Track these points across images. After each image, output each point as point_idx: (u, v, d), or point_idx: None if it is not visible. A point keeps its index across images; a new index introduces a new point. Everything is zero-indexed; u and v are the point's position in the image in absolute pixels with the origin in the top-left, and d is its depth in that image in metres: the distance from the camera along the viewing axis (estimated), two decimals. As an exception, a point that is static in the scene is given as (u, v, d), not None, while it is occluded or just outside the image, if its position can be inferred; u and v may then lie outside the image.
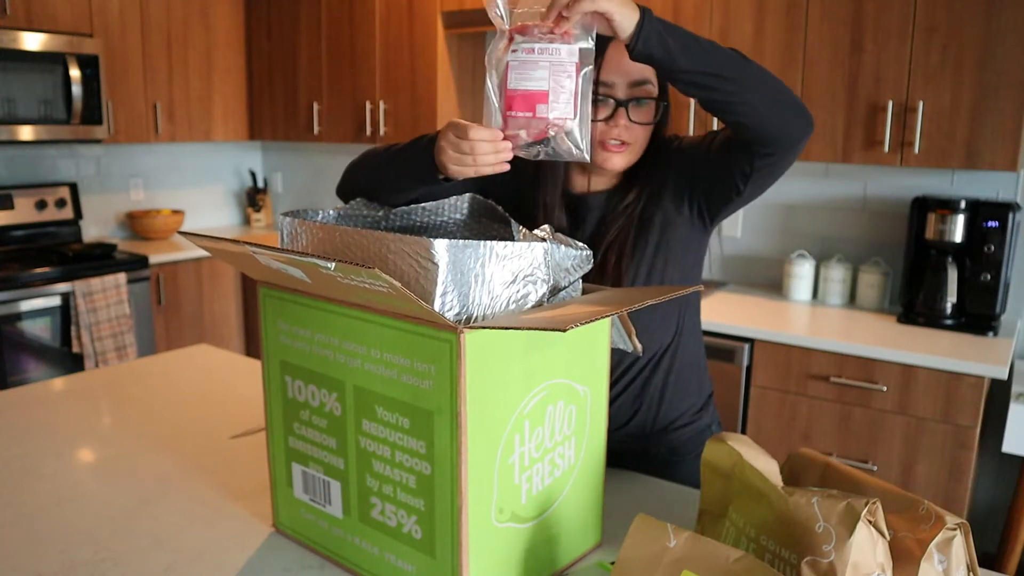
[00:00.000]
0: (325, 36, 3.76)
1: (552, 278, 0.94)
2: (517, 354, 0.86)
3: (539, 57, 0.97)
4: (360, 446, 0.92)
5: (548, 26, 0.96)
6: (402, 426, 0.87)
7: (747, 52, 2.60)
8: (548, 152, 1.01)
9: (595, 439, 1.01)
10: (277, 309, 0.99)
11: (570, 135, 0.99)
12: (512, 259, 0.87)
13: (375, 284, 0.77)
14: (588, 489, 1.01)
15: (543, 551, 0.95)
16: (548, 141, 0.99)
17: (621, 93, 1.18)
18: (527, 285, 0.90)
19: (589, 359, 0.98)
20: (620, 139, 1.19)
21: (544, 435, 0.92)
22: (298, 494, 1.03)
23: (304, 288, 0.93)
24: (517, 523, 0.90)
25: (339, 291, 0.87)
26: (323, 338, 0.94)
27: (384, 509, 0.91)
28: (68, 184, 3.67)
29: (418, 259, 0.81)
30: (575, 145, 0.99)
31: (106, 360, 3.29)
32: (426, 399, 0.83)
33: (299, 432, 1.00)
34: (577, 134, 0.99)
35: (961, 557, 0.77)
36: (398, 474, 0.88)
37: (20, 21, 3.17)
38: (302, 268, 0.84)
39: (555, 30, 0.96)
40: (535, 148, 1.01)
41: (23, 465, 1.26)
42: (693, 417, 1.35)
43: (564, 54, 0.97)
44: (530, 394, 0.89)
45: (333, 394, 0.94)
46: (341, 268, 0.77)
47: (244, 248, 0.87)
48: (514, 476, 0.89)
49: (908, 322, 2.51)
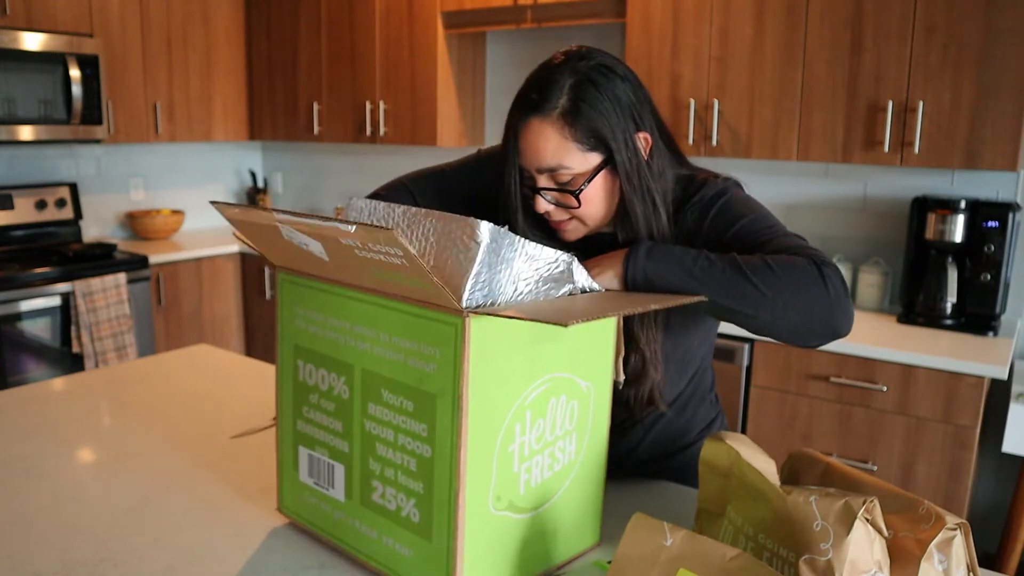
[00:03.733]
0: (325, 36, 3.76)
1: (572, 291, 0.95)
2: (522, 343, 0.87)
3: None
4: (365, 429, 0.94)
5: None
6: (406, 409, 0.88)
7: (747, 52, 2.60)
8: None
9: (597, 437, 1.01)
10: (293, 294, 1.02)
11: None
12: (539, 260, 0.88)
13: (391, 252, 0.78)
14: (588, 487, 1.02)
15: (539, 545, 0.95)
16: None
17: (536, 182, 1.10)
18: (548, 287, 0.91)
19: (594, 355, 0.98)
20: (558, 218, 1.12)
21: (545, 427, 0.93)
22: (303, 478, 1.04)
23: (321, 273, 0.95)
24: (514, 513, 0.91)
25: (354, 270, 0.88)
26: (335, 322, 0.95)
27: (385, 492, 0.92)
28: (68, 184, 3.67)
29: (463, 237, 0.82)
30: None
31: (106, 360, 3.29)
32: (430, 382, 0.85)
33: (308, 416, 1.02)
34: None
35: (961, 557, 0.77)
36: (400, 457, 0.89)
37: (20, 21, 3.18)
38: (323, 239, 0.86)
39: None
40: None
41: (23, 465, 1.26)
42: (696, 438, 1.30)
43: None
44: (533, 384, 0.89)
45: (342, 377, 0.96)
46: (361, 231, 0.78)
47: (271, 217, 0.88)
48: (513, 465, 0.89)
49: (908, 322, 2.51)
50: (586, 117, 1.05)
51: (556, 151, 1.06)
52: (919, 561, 0.76)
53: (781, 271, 0.98)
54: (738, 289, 0.98)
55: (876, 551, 0.74)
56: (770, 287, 0.98)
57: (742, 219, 1.09)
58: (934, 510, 0.78)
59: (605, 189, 1.10)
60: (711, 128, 2.68)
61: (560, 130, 1.05)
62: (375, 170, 4.14)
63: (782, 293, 0.98)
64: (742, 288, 0.98)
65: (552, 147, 1.06)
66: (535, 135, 1.07)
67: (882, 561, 0.74)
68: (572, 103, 1.05)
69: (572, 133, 1.05)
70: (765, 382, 2.46)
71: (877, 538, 0.74)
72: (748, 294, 0.98)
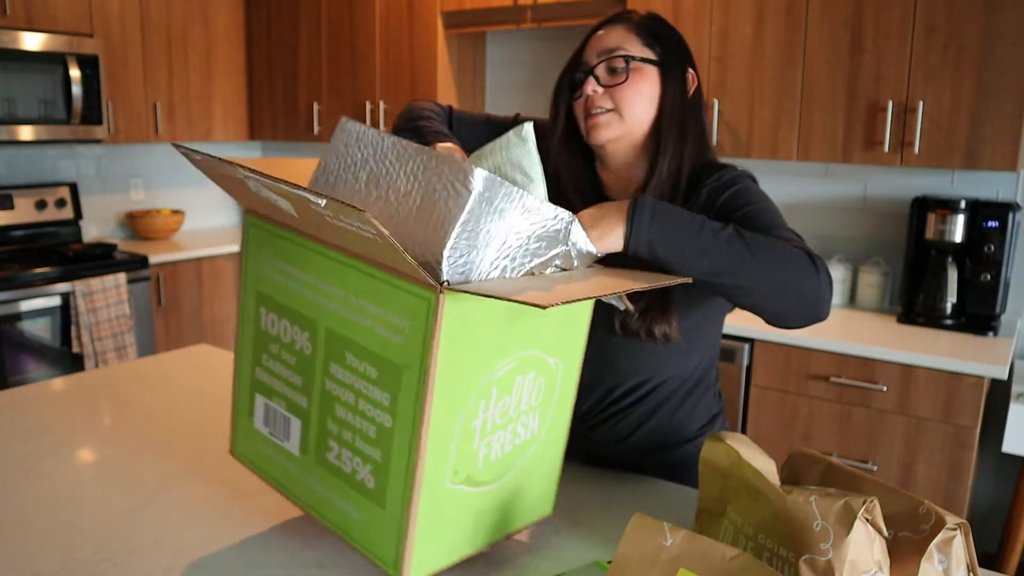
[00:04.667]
0: (325, 36, 3.76)
1: (564, 246, 0.92)
2: (495, 322, 0.85)
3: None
4: (325, 388, 0.91)
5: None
6: (369, 376, 0.86)
7: (747, 52, 2.60)
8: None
9: (561, 413, 1.01)
10: (261, 239, 0.99)
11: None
12: (535, 214, 0.85)
13: (363, 229, 0.75)
14: (547, 461, 1.02)
15: (493, 516, 0.96)
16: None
17: (591, 64, 1.19)
18: (539, 244, 0.88)
19: (566, 333, 0.97)
20: (599, 106, 1.17)
21: (510, 404, 0.91)
22: (258, 425, 1.02)
23: (291, 223, 0.92)
24: (471, 486, 0.90)
25: (325, 231, 0.85)
26: (302, 275, 0.93)
27: (340, 454, 0.91)
28: (68, 184, 3.67)
29: (454, 182, 0.79)
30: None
31: (106, 360, 3.29)
32: (397, 353, 0.82)
33: (266, 364, 1.00)
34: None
35: (961, 557, 0.77)
36: (359, 422, 0.88)
37: (20, 21, 3.18)
38: (292, 202, 0.83)
39: None
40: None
41: (23, 465, 1.26)
42: (697, 433, 1.30)
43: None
44: (502, 362, 0.88)
45: (305, 333, 0.93)
46: (332, 207, 0.75)
47: (237, 171, 0.85)
48: (474, 440, 0.88)
49: (908, 322, 2.51)
50: (651, 28, 1.21)
51: (619, 38, 1.19)
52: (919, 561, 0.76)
53: (781, 252, 1.01)
54: (741, 260, 1.00)
55: (876, 551, 0.74)
56: (770, 263, 1.00)
57: (750, 205, 1.13)
58: (934, 510, 0.78)
59: (647, 92, 1.18)
60: (711, 128, 2.68)
61: (627, 28, 1.20)
62: (375, 170, 4.14)
63: (780, 271, 1.01)
64: (745, 260, 1.00)
65: (616, 36, 1.19)
66: (603, 32, 1.21)
67: (882, 561, 0.74)
68: (643, 18, 1.22)
69: (637, 30, 1.20)
70: (765, 382, 2.46)
71: (877, 538, 0.74)
72: (748, 267, 1.00)
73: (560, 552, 1.03)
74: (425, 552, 0.87)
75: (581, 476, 1.25)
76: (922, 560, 0.76)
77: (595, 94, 1.17)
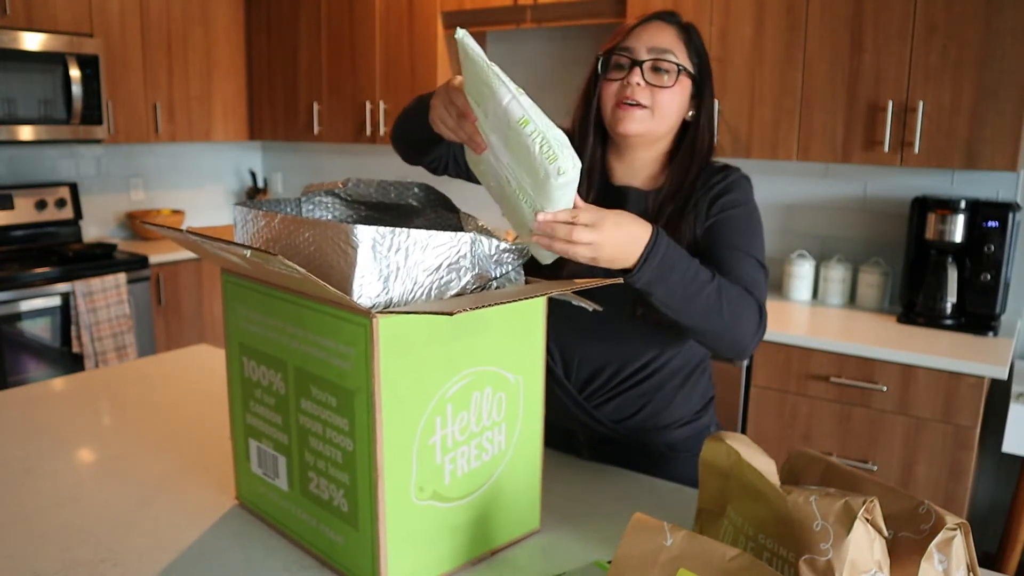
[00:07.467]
0: (325, 36, 3.76)
1: (478, 268, 0.96)
2: (439, 339, 0.90)
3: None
4: (300, 423, 0.97)
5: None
6: (331, 404, 0.91)
7: (747, 53, 2.60)
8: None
9: (529, 426, 1.04)
10: (235, 294, 1.06)
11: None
12: (437, 248, 0.90)
13: (286, 270, 0.82)
14: (522, 475, 1.04)
15: (472, 532, 0.99)
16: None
17: (639, 55, 1.21)
18: (450, 273, 0.93)
19: (522, 348, 1.01)
20: (634, 99, 1.20)
21: (470, 419, 0.95)
22: (254, 468, 1.08)
23: (252, 274, 0.99)
24: (440, 502, 0.94)
25: (273, 276, 0.92)
26: (271, 321, 0.99)
27: (319, 483, 0.96)
28: (68, 184, 3.67)
29: (340, 244, 0.86)
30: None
31: (106, 360, 3.29)
32: (348, 379, 0.88)
33: (254, 409, 1.06)
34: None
35: (961, 557, 0.77)
36: (328, 450, 0.93)
37: (20, 21, 3.18)
38: (237, 256, 0.90)
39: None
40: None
41: (23, 465, 1.26)
42: (694, 416, 1.36)
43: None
44: (453, 379, 0.92)
45: (279, 374, 0.99)
46: (256, 255, 0.83)
47: (185, 236, 0.93)
48: (435, 457, 0.92)
49: (908, 322, 2.51)
50: (695, 42, 1.25)
51: (670, 41, 1.22)
52: (919, 561, 0.76)
53: (743, 311, 1.13)
54: (710, 316, 1.10)
55: (876, 551, 0.74)
56: (731, 320, 1.12)
57: (740, 238, 1.22)
58: (934, 510, 0.78)
59: (681, 101, 1.24)
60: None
61: (677, 33, 1.23)
62: (375, 170, 4.14)
63: (732, 329, 1.13)
64: (712, 316, 1.11)
65: (667, 38, 1.22)
66: (655, 27, 1.22)
67: (882, 561, 0.74)
68: (690, 27, 1.26)
69: (685, 39, 1.23)
70: (765, 382, 2.46)
71: (877, 538, 0.74)
72: (713, 321, 1.11)
73: (560, 552, 1.03)
74: (401, 568, 0.91)
75: (581, 476, 1.25)
76: (922, 560, 0.76)
77: (637, 87, 1.20)
